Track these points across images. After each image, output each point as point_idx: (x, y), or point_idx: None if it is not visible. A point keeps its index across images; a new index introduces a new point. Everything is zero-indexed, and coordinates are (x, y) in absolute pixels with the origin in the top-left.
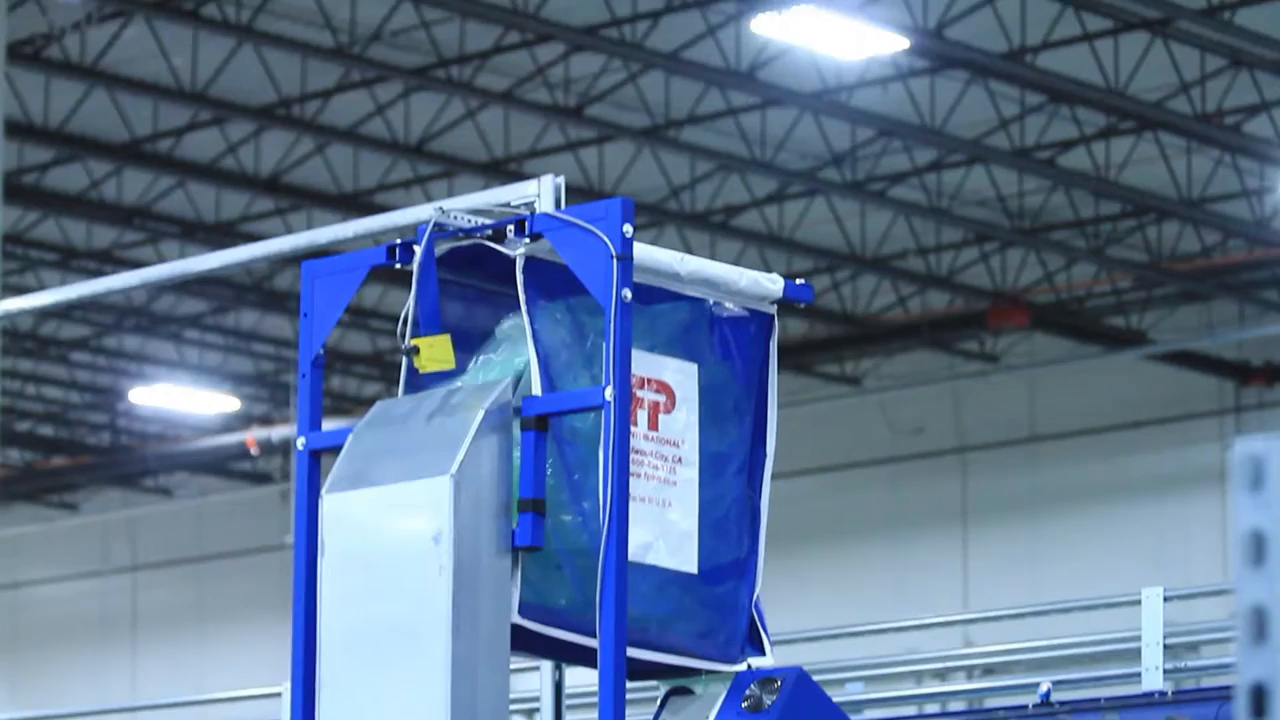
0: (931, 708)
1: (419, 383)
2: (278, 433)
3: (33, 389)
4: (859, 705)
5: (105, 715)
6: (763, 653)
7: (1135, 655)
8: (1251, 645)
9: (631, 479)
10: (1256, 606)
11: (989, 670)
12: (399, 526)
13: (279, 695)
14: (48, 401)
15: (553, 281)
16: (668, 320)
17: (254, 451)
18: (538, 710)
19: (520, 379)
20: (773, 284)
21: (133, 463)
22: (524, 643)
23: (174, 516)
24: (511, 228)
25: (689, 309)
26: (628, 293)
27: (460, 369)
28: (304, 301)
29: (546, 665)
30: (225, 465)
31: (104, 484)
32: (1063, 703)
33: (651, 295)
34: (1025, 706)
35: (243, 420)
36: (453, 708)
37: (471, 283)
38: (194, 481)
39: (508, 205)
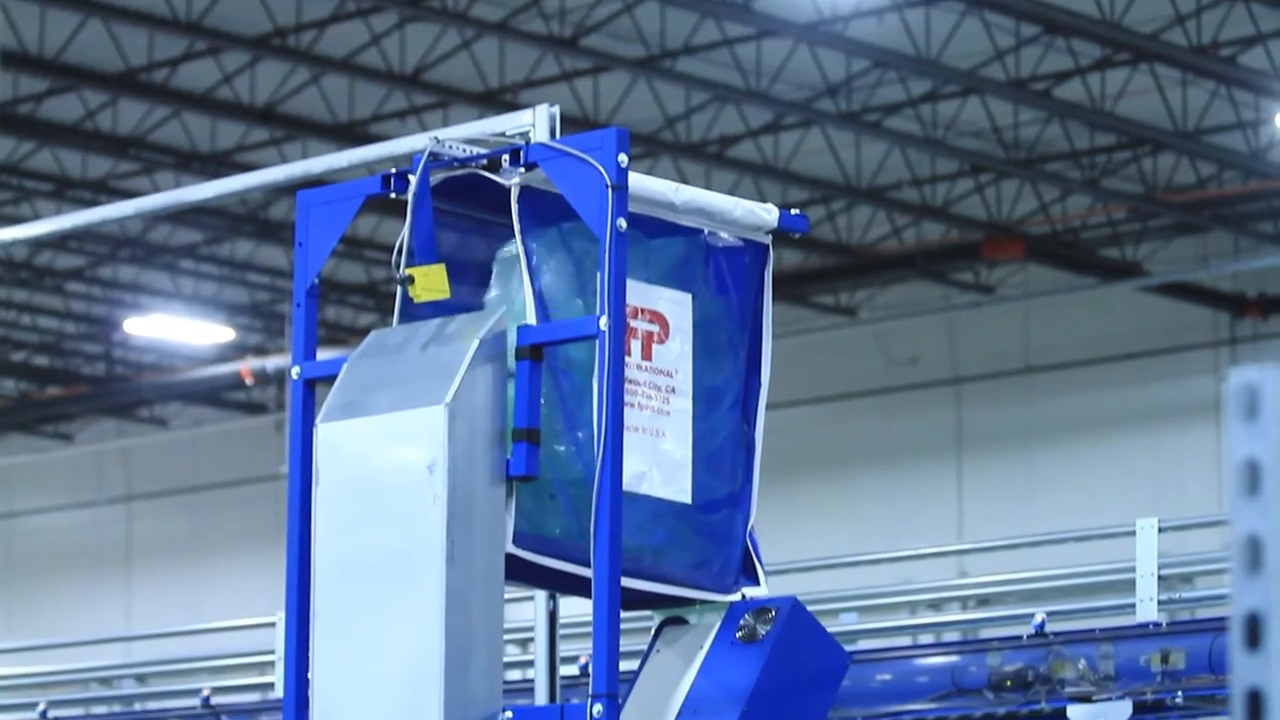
0: (925, 638)
1: (414, 312)
2: (272, 363)
3: (28, 319)
4: (853, 635)
5: (99, 644)
6: (757, 583)
7: (1129, 586)
8: (1246, 575)
9: (625, 409)
10: (1251, 536)
11: (983, 601)
12: (393, 456)
13: (273, 625)
14: (43, 331)
15: (548, 211)
16: (662, 253)
17: (248, 382)
18: (532, 640)
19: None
20: (768, 214)
21: (127, 393)
22: (518, 572)
23: (168, 446)
24: (506, 157)
25: (684, 243)
26: (622, 222)
27: (454, 298)
28: (299, 231)
29: (541, 595)
30: (220, 395)
31: (99, 414)
32: (1056, 633)
33: (646, 226)
34: (1019, 637)
35: (237, 350)
36: (447, 637)
37: (466, 212)
38: (189, 412)
39: (503, 135)
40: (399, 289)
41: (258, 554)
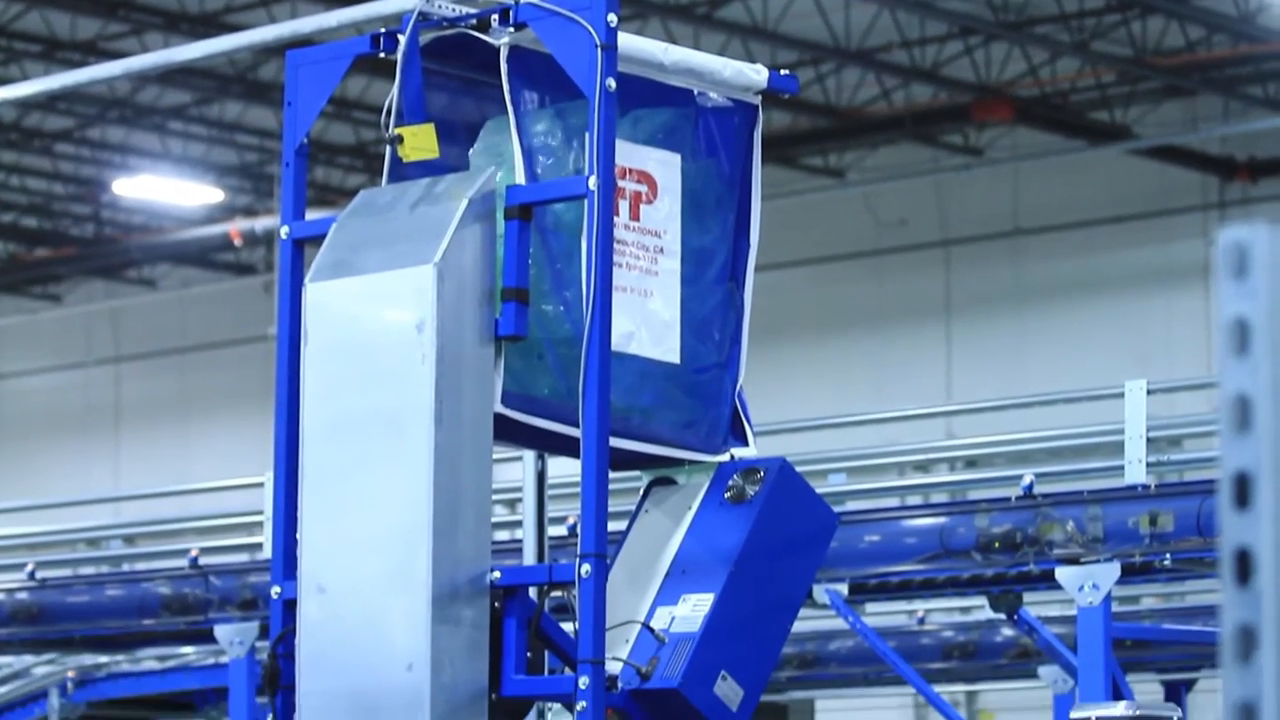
0: (914, 499)
1: (403, 172)
2: (261, 224)
3: (16, 180)
4: (841, 496)
5: (88, 505)
6: (745, 443)
7: (1118, 449)
8: (1235, 434)
9: (613, 269)
10: (1240, 395)
11: (971, 463)
12: (382, 315)
13: (262, 485)
14: (31, 193)
15: (537, 72)
16: (650, 120)
17: (237, 243)
18: (520, 500)
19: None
20: (757, 74)
21: (116, 254)
22: (507, 432)
23: (157, 308)
24: (496, 17)
25: (673, 104)
26: (612, 82)
27: (443, 159)
28: (288, 90)
29: (529, 455)
30: (209, 256)
31: (87, 275)
32: (1045, 495)
33: (635, 87)
34: (1008, 499)
35: (226, 211)
36: (435, 496)
37: (456, 73)
38: (177, 273)
39: None
40: (388, 149)
41: (246, 415)
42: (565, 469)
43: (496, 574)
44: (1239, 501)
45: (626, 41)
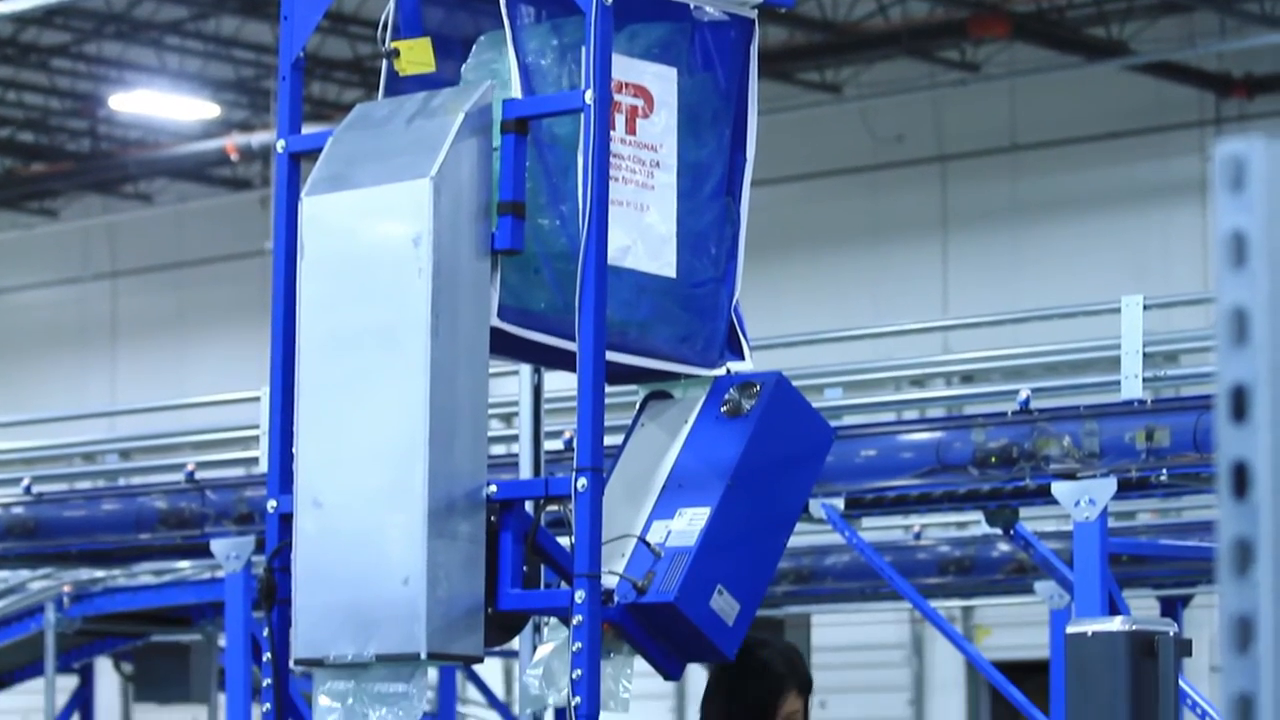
0: (910, 414)
1: (399, 86)
2: (257, 139)
3: (13, 95)
4: (837, 411)
5: (84, 420)
6: (741, 357)
7: (1114, 364)
8: (1231, 347)
9: (609, 183)
10: (1237, 308)
11: (967, 377)
12: (378, 229)
13: (258, 400)
14: (28, 108)
15: None
16: (647, 34)
17: (234, 157)
18: (517, 414)
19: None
20: None
21: (113, 169)
22: (503, 346)
23: (154, 222)
24: None
25: (670, 18)
26: None
27: (440, 73)
28: (284, 4)
29: (525, 369)
30: (205, 171)
31: (84, 190)
32: (1041, 410)
33: (633, 4)
34: (1004, 414)
35: (222, 126)
36: (431, 410)
37: None
38: (174, 187)
39: None
40: (384, 63)
41: (243, 329)
42: (561, 383)
43: (493, 488)
44: (1236, 414)
45: None
